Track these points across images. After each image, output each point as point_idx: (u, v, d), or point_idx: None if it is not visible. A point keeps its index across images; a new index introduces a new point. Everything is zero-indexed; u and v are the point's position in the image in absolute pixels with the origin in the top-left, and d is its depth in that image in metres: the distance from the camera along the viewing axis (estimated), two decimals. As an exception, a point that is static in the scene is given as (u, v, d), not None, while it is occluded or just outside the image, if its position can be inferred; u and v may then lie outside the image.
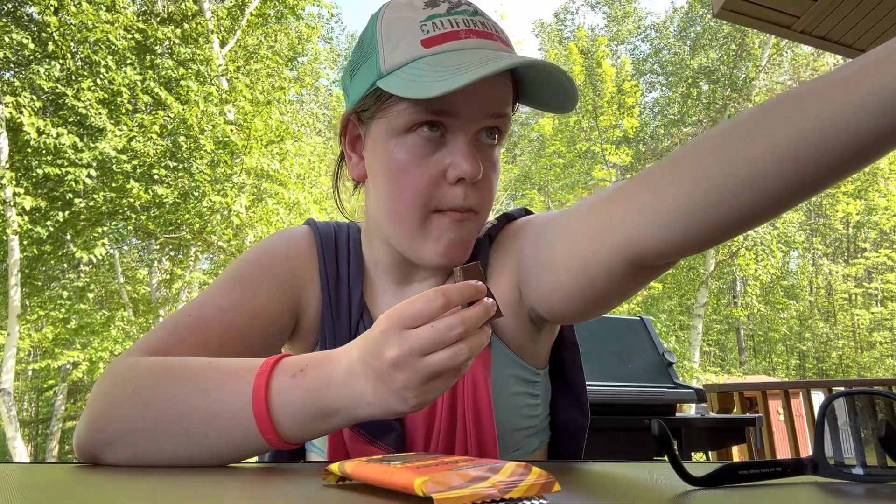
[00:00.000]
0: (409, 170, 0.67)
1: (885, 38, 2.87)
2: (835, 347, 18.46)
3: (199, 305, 0.69)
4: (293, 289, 0.76)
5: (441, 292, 0.49)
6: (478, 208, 0.70)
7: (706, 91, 16.30)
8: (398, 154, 0.68)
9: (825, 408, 0.45)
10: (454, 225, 0.69)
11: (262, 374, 0.55)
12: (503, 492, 0.32)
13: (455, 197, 0.67)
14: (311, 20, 13.20)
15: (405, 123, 0.67)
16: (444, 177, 0.67)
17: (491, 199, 0.71)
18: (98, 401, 0.60)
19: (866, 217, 18.20)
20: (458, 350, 0.49)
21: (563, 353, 0.85)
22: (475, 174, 0.66)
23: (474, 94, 0.65)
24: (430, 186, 0.67)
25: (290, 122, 10.66)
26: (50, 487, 0.44)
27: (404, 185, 0.68)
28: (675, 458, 0.40)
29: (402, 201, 0.68)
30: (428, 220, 0.69)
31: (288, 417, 0.54)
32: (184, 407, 0.56)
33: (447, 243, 0.69)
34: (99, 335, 9.08)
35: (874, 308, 18.70)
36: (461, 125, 0.67)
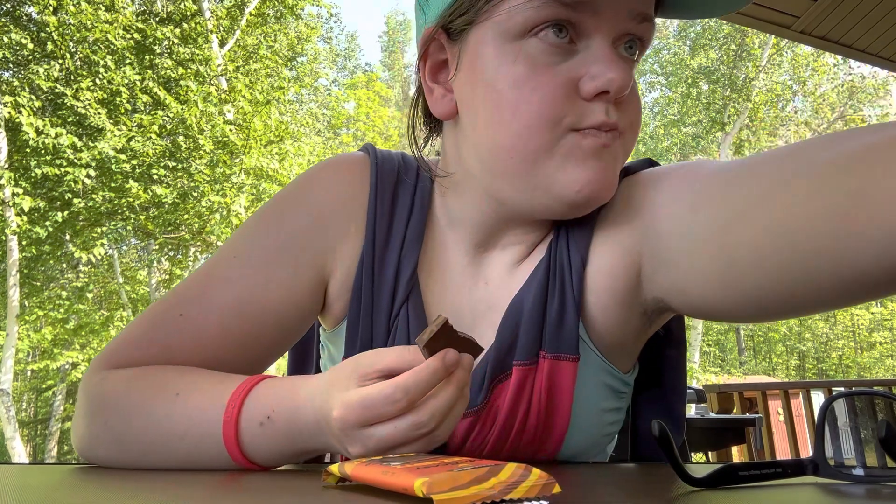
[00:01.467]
0: (531, 82, 0.50)
1: (885, 38, 2.88)
2: (835, 348, 18.48)
3: (196, 302, 0.58)
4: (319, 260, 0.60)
5: (404, 390, 0.42)
6: (623, 128, 0.53)
7: (706, 91, 16.31)
8: (514, 66, 0.51)
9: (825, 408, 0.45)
10: (597, 150, 0.51)
11: (230, 423, 0.49)
12: (503, 493, 0.32)
13: (596, 111, 0.51)
14: (311, 20, 13.20)
15: (523, 22, 0.50)
16: (577, 90, 0.51)
17: (639, 119, 0.55)
18: (78, 426, 0.56)
19: (866, 217, 18.21)
20: (431, 440, 0.45)
21: (665, 351, 0.67)
22: (624, 84, 0.50)
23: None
24: (562, 101, 0.50)
25: (289, 122, 10.66)
26: (49, 488, 0.44)
27: (524, 102, 0.50)
28: (676, 458, 0.40)
29: (523, 121, 0.51)
30: (561, 142, 0.51)
31: (268, 460, 0.51)
32: (162, 450, 0.52)
33: (591, 172, 0.51)
34: (98, 335, 9.09)
35: (874, 308, 18.73)
36: (600, 25, 0.50)
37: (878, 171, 0.38)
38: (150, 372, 0.55)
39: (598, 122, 0.51)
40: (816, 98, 16.53)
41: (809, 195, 0.41)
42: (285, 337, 0.61)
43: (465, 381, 0.45)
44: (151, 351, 0.56)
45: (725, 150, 15.81)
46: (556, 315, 0.56)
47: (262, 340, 0.59)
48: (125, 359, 0.57)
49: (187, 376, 0.54)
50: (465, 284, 0.62)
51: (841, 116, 16.53)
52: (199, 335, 0.57)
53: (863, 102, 16.37)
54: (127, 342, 0.57)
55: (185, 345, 0.56)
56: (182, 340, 0.56)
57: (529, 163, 0.52)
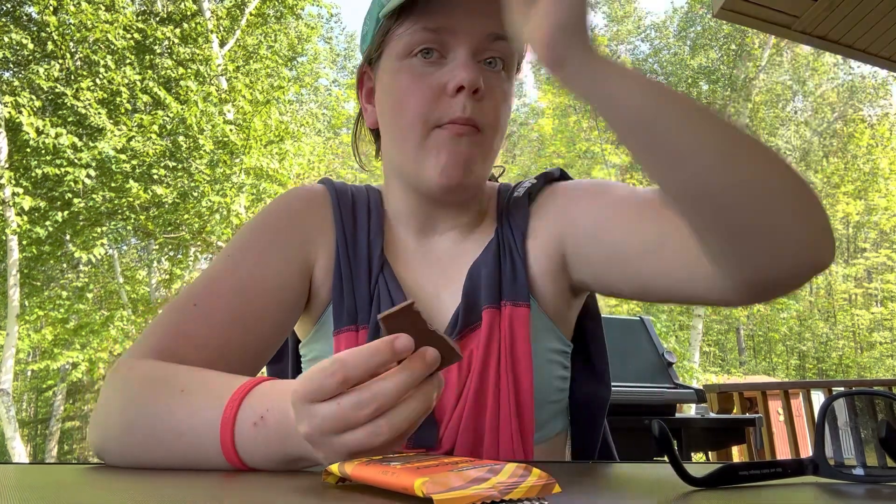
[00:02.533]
0: (411, 88, 0.67)
1: (885, 38, 2.88)
2: (835, 348, 18.47)
3: (205, 291, 0.67)
4: (303, 250, 0.73)
5: (341, 363, 0.43)
6: (481, 124, 0.67)
7: (706, 91, 16.30)
8: (400, 78, 0.68)
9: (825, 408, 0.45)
10: (453, 139, 0.67)
11: (227, 425, 0.51)
12: (503, 493, 0.32)
13: (455, 107, 0.66)
14: (311, 20, 13.19)
15: (405, 46, 0.68)
16: (445, 91, 0.66)
17: (497, 120, 0.69)
18: (99, 407, 0.61)
19: (866, 217, 18.21)
20: (376, 429, 0.43)
21: (585, 323, 0.81)
22: (474, 81, 0.65)
23: (468, 7, 0.67)
24: (430, 101, 0.67)
25: (289, 122, 10.66)
26: (49, 488, 0.44)
27: (406, 105, 0.68)
28: (676, 458, 0.40)
29: (405, 120, 0.68)
30: (428, 136, 0.67)
31: (257, 462, 0.51)
32: (161, 446, 0.55)
33: (446, 157, 0.67)
34: (98, 335, 9.08)
35: (874, 308, 18.72)
36: (460, 41, 0.67)
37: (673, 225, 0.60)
38: (164, 367, 0.60)
39: (455, 116, 0.66)
40: (816, 98, 16.53)
41: (636, 232, 0.66)
42: (286, 316, 0.71)
43: (421, 376, 0.44)
44: (173, 339, 0.63)
45: (725, 150, 15.79)
46: (510, 273, 0.73)
47: (266, 320, 0.68)
48: (153, 348, 0.63)
49: (196, 375, 0.58)
50: (422, 264, 0.76)
51: (841, 116, 16.52)
52: (210, 320, 0.65)
53: (863, 102, 16.37)
54: (153, 333, 0.64)
55: (200, 330, 0.64)
56: (197, 326, 0.65)
57: (411, 155, 0.69)
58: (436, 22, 0.66)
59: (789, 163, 0.52)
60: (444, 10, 0.66)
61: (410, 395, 0.44)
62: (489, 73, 0.69)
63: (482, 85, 0.66)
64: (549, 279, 0.74)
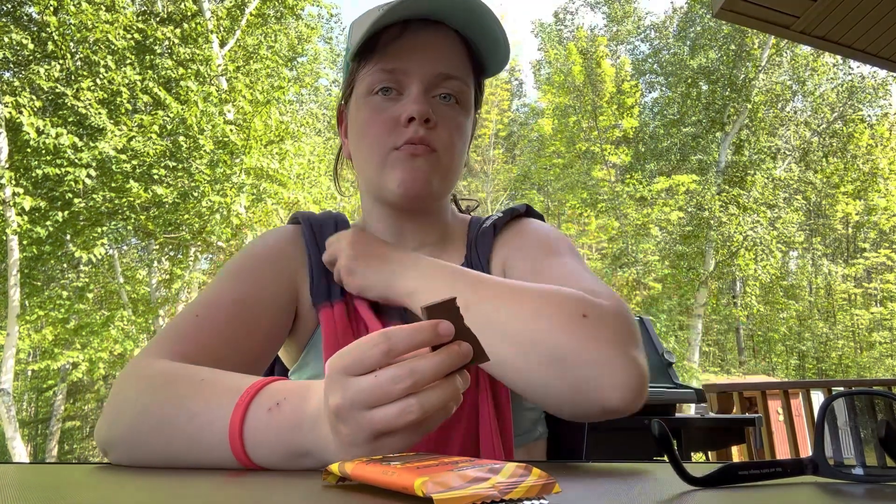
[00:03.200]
0: (372, 119, 0.78)
1: (885, 38, 2.88)
2: (834, 347, 18.46)
3: (204, 304, 0.73)
4: (289, 276, 0.80)
5: (386, 335, 0.44)
6: (434, 145, 0.76)
7: (706, 91, 16.30)
8: (363, 113, 0.79)
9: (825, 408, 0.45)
10: (408, 158, 0.76)
11: (241, 405, 0.53)
12: (503, 493, 0.32)
13: (408, 133, 0.75)
14: (311, 20, 13.20)
15: (367, 86, 0.78)
16: (400, 122, 0.76)
17: (451, 144, 0.78)
18: (111, 399, 0.64)
19: (866, 217, 18.21)
20: (408, 406, 0.43)
21: None
22: (423, 112, 0.74)
23: (420, 51, 0.77)
24: (387, 130, 0.76)
25: (289, 122, 10.66)
26: (49, 488, 0.44)
27: (368, 133, 0.78)
28: (675, 458, 0.40)
29: (366, 146, 0.79)
30: (388, 157, 0.77)
31: (261, 452, 0.52)
32: (170, 431, 0.57)
33: (402, 173, 0.76)
34: (98, 335, 9.08)
35: (874, 308, 18.71)
36: (413, 80, 0.76)
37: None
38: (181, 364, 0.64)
39: (407, 139, 0.75)
40: (816, 98, 16.52)
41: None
42: (277, 331, 0.77)
43: (456, 363, 0.45)
44: (180, 343, 0.68)
45: (725, 149, 15.81)
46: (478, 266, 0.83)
47: (260, 331, 0.74)
48: (164, 351, 0.68)
49: (215, 371, 0.61)
50: None
51: (840, 116, 16.52)
52: (212, 329, 0.71)
53: (862, 102, 16.36)
54: (160, 338, 0.70)
55: (202, 338, 0.70)
56: (200, 334, 0.70)
57: (374, 174, 0.79)
58: (391, 64, 0.76)
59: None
60: (398, 53, 0.76)
61: (442, 382, 0.45)
62: (442, 105, 0.78)
63: (432, 116, 0.76)
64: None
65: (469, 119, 0.82)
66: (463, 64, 0.80)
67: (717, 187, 15.12)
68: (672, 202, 15.05)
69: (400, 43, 0.77)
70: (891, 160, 17.05)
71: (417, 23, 0.77)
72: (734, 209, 14.47)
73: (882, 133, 16.85)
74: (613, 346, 0.59)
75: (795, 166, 16.63)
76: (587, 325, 0.59)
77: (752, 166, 15.54)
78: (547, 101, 19.03)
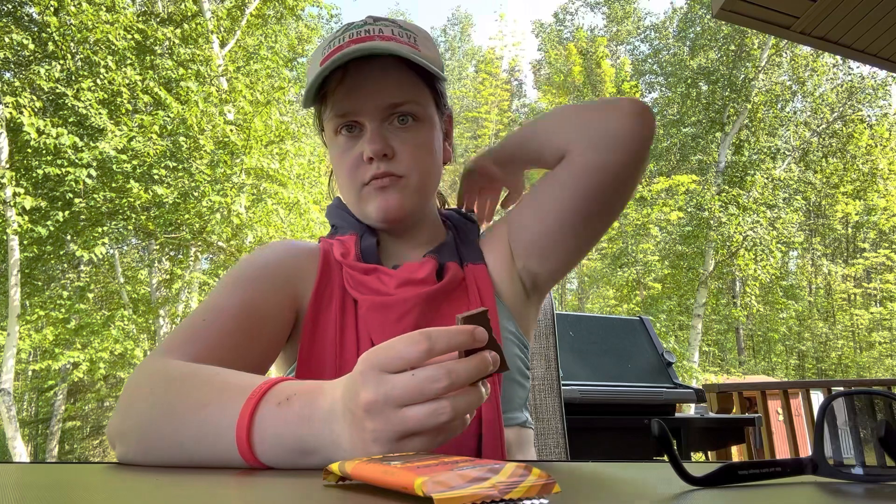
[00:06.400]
0: (341, 160, 0.85)
1: (884, 38, 2.88)
2: (834, 347, 18.46)
3: (211, 309, 0.75)
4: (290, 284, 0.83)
5: (426, 335, 0.45)
6: (400, 172, 0.83)
7: (705, 91, 16.30)
8: (333, 152, 0.87)
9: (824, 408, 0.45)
10: (378, 191, 0.83)
11: (252, 399, 0.53)
12: (503, 492, 0.32)
13: (371, 170, 0.82)
14: (311, 21, 13.19)
15: (332, 129, 0.85)
16: (362, 159, 0.82)
17: (418, 165, 0.84)
18: (123, 395, 0.66)
19: (865, 217, 18.21)
20: (440, 407, 0.44)
21: None
22: (378, 151, 0.81)
23: (363, 92, 0.81)
24: (353, 168, 0.83)
25: (289, 122, 10.66)
26: (50, 488, 0.44)
27: (340, 172, 0.86)
28: (675, 458, 0.40)
29: (342, 183, 0.87)
30: (360, 192, 0.84)
31: (267, 448, 0.52)
32: (180, 419, 0.57)
33: (376, 204, 0.83)
34: (99, 335, 9.07)
35: (873, 308, 18.71)
36: (366, 118, 0.82)
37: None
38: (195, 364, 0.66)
39: (370, 176, 0.83)
40: (815, 98, 16.52)
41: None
42: (278, 339, 0.80)
43: (487, 370, 0.46)
44: (189, 344, 0.71)
45: (725, 150, 15.80)
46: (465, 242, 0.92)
47: (263, 337, 0.77)
48: (175, 352, 0.69)
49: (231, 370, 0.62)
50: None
51: (840, 117, 16.52)
52: (218, 334, 0.73)
53: (862, 103, 16.36)
54: (170, 341, 0.72)
55: (209, 342, 0.71)
56: (207, 338, 0.72)
57: (354, 207, 0.88)
58: (342, 108, 0.82)
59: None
60: (346, 97, 0.82)
61: (472, 388, 0.46)
62: (400, 131, 0.83)
63: (389, 148, 0.82)
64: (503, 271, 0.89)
65: (433, 128, 0.87)
66: (409, 85, 0.83)
67: (716, 187, 15.12)
68: (672, 202, 15.05)
69: (345, 87, 0.81)
70: (890, 160, 17.05)
71: (357, 61, 0.80)
72: (734, 209, 14.46)
73: (882, 133, 16.85)
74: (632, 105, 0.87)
75: (795, 166, 16.63)
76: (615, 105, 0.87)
77: (752, 166, 15.54)
78: (547, 102, 19.03)
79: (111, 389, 12.48)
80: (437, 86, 0.88)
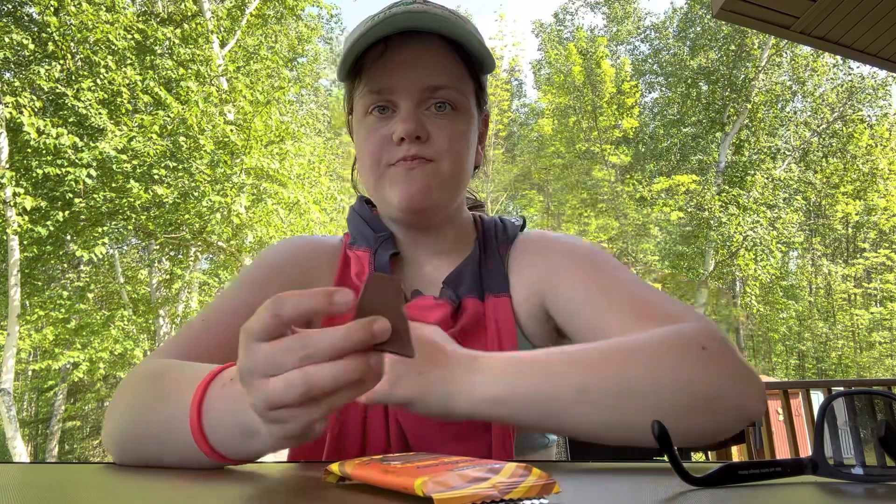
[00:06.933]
0: (368, 139, 0.78)
1: (884, 38, 2.87)
2: (834, 347, 18.46)
3: (214, 310, 0.75)
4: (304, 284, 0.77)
5: (276, 301, 0.43)
6: (430, 156, 0.76)
7: (706, 91, 16.30)
8: (361, 132, 0.80)
9: (825, 408, 0.45)
10: (405, 172, 0.76)
11: (202, 385, 0.51)
12: (503, 492, 0.32)
13: (401, 151, 0.76)
14: (311, 21, 13.20)
15: (362, 107, 0.79)
16: (392, 140, 0.76)
17: (451, 152, 0.77)
18: (113, 396, 0.66)
19: (865, 217, 18.21)
20: (292, 378, 0.41)
21: None
22: (411, 131, 0.74)
23: (404, 67, 0.76)
24: (380, 148, 0.77)
25: (289, 122, 10.65)
26: (50, 488, 0.44)
27: (365, 153, 0.79)
28: (675, 458, 0.40)
29: (366, 165, 0.79)
30: (385, 173, 0.77)
31: (216, 432, 0.50)
32: (150, 414, 0.58)
33: (399, 187, 0.76)
34: (99, 335, 9.08)
35: (873, 308, 18.72)
36: (402, 97, 0.76)
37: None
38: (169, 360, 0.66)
39: (400, 157, 0.75)
40: (816, 98, 16.52)
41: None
42: None
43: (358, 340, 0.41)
44: (184, 346, 0.71)
45: (725, 150, 15.80)
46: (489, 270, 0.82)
47: None
48: (168, 354, 0.70)
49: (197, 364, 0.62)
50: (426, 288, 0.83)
51: (840, 117, 16.52)
52: (217, 335, 0.72)
53: (862, 103, 16.36)
54: (168, 343, 0.73)
55: (209, 343, 0.72)
56: (207, 339, 0.72)
57: (374, 192, 0.80)
58: (378, 84, 0.76)
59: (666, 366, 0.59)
60: (383, 72, 0.76)
61: (344, 360, 0.41)
62: (436, 117, 0.77)
63: (423, 131, 0.75)
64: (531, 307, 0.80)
65: (471, 121, 0.80)
66: (453, 69, 0.78)
67: (716, 187, 15.13)
68: (672, 202, 15.05)
69: (383, 62, 0.76)
70: (890, 160, 17.05)
71: (399, 37, 0.76)
72: (734, 209, 14.46)
73: (882, 133, 16.85)
74: (737, 364, 0.61)
75: (795, 166, 16.63)
76: (709, 357, 0.60)
77: (752, 166, 15.54)
78: (547, 102, 19.03)
79: (111, 389, 12.49)
80: (481, 78, 0.83)
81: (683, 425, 0.57)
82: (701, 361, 0.59)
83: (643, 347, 0.60)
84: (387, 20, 0.72)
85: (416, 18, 0.73)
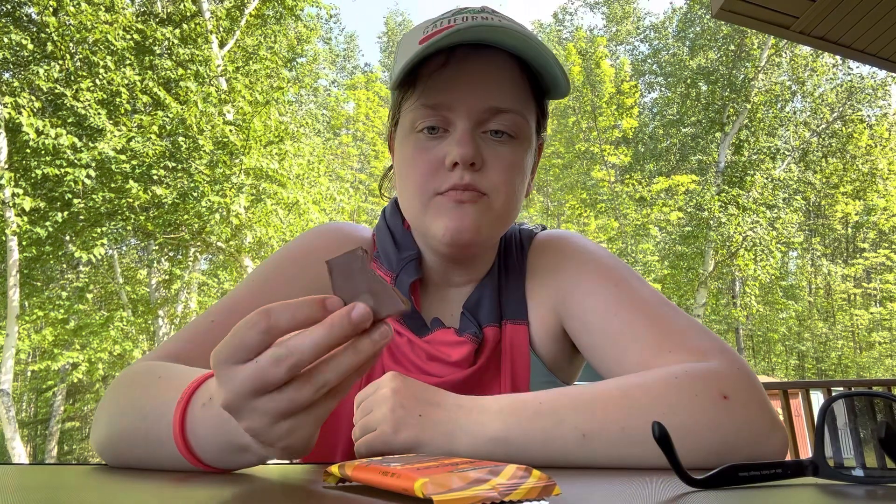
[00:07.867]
0: (415, 160, 0.71)
1: (884, 38, 2.88)
2: (834, 348, 18.48)
3: (222, 310, 0.72)
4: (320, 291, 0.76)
5: (266, 312, 0.40)
6: (485, 189, 0.70)
7: (705, 91, 16.31)
8: (407, 149, 0.72)
9: (825, 409, 0.45)
10: (454, 204, 0.69)
11: (181, 403, 0.50)
12: (503, 494, 0.32)
13: (452, 178, 0.69)
14: (310, 21, 13.20)
15: (411, 122, 0.71)
16: (444, 164, 0.70)
17: (503, 185, 0.70)
18: (100, 403, 0.65)
19: (865, 217, 18.23)
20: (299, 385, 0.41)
21: None
22: (467, 156, 0.67)
23: (467, 83, 0.69)
24: (430, 173, 0.70)
25: (288, 122, 10.66)
26: (49, 489, 0.44)
27: (410, 174, 0.72)
28: (676, 459, 0.40)
29: (409, 189, 0.72)
30: (431, 201, 0.71)
31: (204, 449, 0.49)
32: (130, 426, 0.57)
33: (447, 220, 0.69)
34: (98, 336, 9.08)
35: (873, 308, 18.74)
36: (459, 116, 0.69)
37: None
38: (155, 364, 0.64)
39: (451, 185, 0.69)
40: (815, 98, 16.53)
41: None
42: None
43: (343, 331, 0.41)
44: (182, 346, 0.68)
45: (725, 150, 15.81)
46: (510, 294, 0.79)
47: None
48: (163, 353, 0.67)
49: (177, 367, 0.60)
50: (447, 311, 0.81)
51: (840, 117, 16.53)
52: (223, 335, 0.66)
53: (861, 103, 16.38)
54: (168, 341, 0.70)
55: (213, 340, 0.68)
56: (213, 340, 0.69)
57: (417, 218, 0.73)
58: (434, 99, 0.69)
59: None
60: (443, 87, 0.69)
61: (338, 352, 0.41)
62: (493, 143, 0.70)
63: (479, 159, 0.69)
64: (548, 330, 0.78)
65: (529, 151, 0.74)
66: (518, 92, 0.71)
67: (716, 187, 15.14)
68: (671, 202, 15.06)
69: (444, 74, 0.69)
70: (890, 160, 17.07)
71: (464, 48, 0.69)
72: (734, 209, 14.47)
73: (881, 133, 16.87)
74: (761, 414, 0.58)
75: (795, 166, 16.64)
76: (730, 407, 0.57)
77: (752, 166, 15.55)
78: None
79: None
80: (544, 103, 0.76)
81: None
82: (719, 412, 0.56)
83: (654, 391, 0.57)
84: (456, 32, 0.64)
85: (489, 31, 0.65)
